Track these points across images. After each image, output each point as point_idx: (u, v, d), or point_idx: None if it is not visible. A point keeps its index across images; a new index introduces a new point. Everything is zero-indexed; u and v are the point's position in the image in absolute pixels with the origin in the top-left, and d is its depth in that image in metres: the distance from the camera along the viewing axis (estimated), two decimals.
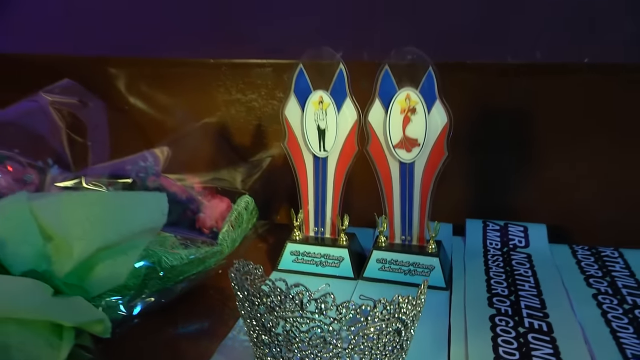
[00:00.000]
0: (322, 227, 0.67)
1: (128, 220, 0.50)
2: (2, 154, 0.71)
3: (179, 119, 0.90)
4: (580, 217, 0.77)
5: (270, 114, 0.87)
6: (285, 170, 0.80)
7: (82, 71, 0.89)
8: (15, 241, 0.48)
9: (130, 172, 0.73)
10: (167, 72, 0.91)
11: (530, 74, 0.75)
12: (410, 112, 0.58)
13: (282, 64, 0.84)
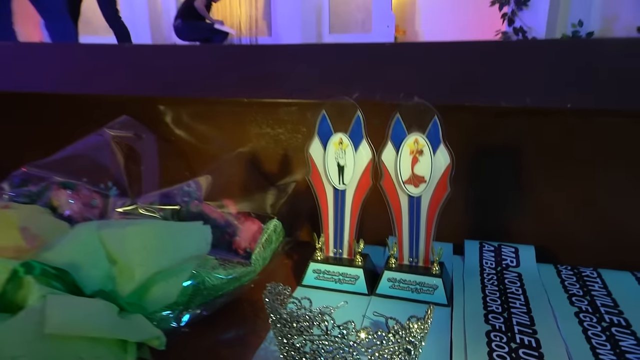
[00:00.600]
0: (340, 248, 0.68)
1: (178, 248, 0.52)
2: (74, 183, 0.73)
3: (217, 148, 0.91)
4: (564, 239, 0.77)
5: (294, 146, 0.88)
6: (307, 194, 0.81)
7: (137, 108, 0.91)
8: (88, 265, 0.50)
9: (176, 196, 0.75)
10: (207, 109, 0.93)
11: (521, 115, 0.76)
12: (418, 153, 0.60)
13: (304, 104, 0.85)
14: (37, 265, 0.47)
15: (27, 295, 0.46)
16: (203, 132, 0.94)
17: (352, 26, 5.11)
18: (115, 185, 0.81)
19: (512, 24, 3.72)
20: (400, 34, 4.91)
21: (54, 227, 0.60)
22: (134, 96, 0.92)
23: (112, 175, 0.80)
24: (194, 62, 0.92)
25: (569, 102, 0.72)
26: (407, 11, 5.23)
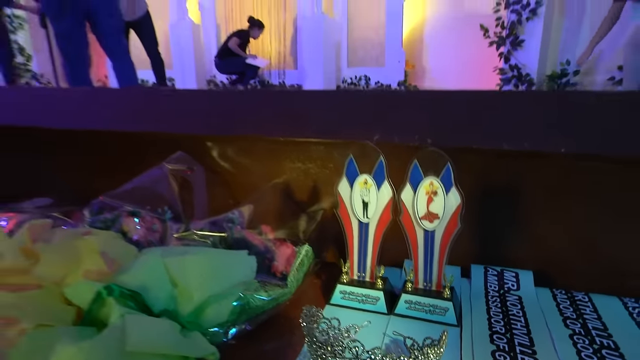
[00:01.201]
0: (363, 272, 0.69)
1: (229, 275, 0.55)
2: (139, 211, 0.76)
3: (256, 180, 0.93)
4: (559, 266, 0.77)
5: (322, 178, 0.90)
6: (333, 221, 0.83)
7: (189, 145, 0.94)
8: (155, 287, 0.53)
9: (222, 223, 0.78)
10: (248, 145, 0.95)
11: (520, 157, 0.77)
12: (433, 194, 0.61)
13: (331, 143, 0.87)
14: (116, 288, 0.50)
15: (109, 313, 0.49)
16: (244, 165, 0.96)
17: (367, 61, 5.14)
18: (171, 211, 0.84)
19: (508, 62, 3.72)
20: (410, 68, 4.93)
21: (125, 251, 0.63)
22: (186, 134, 0.96)
23: (169, 203, 0.83)
24: (237, 104, 0.95)
25: (563, 147, 0.73)
26: (415, 48, 5.26)
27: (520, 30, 3.62)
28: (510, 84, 3.73)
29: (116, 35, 2.57)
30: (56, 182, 1.18)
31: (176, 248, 0.65)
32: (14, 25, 5.07)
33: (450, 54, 5.16)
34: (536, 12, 3.54)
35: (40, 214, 0.84)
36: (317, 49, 4.93)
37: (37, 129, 1.10)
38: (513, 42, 3.65)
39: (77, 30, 2.50)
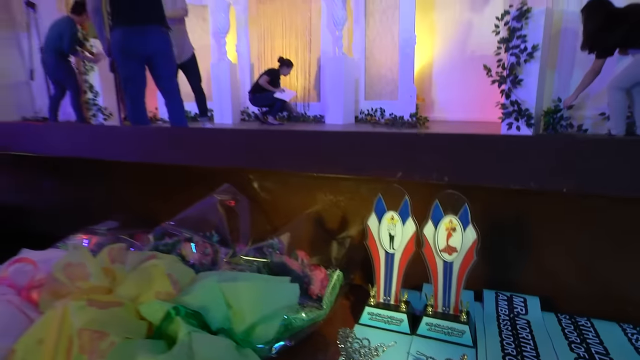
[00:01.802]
0: (388, 297, 0.70)
1: (276, 300, 0.56)
2: (193, 237, 0.79)
3: (291, 209, 0.95)
4: (562, 292, 0.77)
5: (351, 210, 0.91)
6: (360, 247, 0.84)
7: (234, 178, 0.97)
8: (212, 308, 0.55)
9: (264, 249, 0.80)
10: (285, 179, 0.97)
11: (527, 194, 0.77)
12: (452, 230, 0.63)
13: (358, 179, 0.89)
14: (182, 308, 0.53)
15: (176, 329, 0.51)
16: (281, 196, 0.99)
17: (382, 95, 5.18)
18: (219, 235, 0.86)
19: (509, 98, 3.70)
20: (420, 101, 4.95)
21: (185, 273, 0.66)
22: (232, 167, 0.99)
23: (219, 229, 0.85)
24: (275, 143, 0.98)
25: (565, 187, 0.74)
26: (425, 84, 5.29)
27: (519, 70, 3.62)
28: (511, 117, 3.71)
29: (170, 78, 2.67)
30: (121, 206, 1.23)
31: (229, 273, 0.67)
32: (87, 68, 5.32)
33: (455, 89, 5.17)
34: (533, 55, 3.54)
35: (113, 235, 0.88)
36: (338, 84, 5.00)
37: (106, 161, 1.16)
38: (513, 81, 3.64)
39: (139, 73, 2.61)
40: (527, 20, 3.52)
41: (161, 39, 2.54)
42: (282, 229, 0.87)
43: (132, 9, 2.42)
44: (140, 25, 2.45)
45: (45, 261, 0.71)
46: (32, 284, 0.66)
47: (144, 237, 0.90)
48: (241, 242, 0.87)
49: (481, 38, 4.94)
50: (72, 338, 0.49)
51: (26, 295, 0.64)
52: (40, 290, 0.64)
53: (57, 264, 0.59)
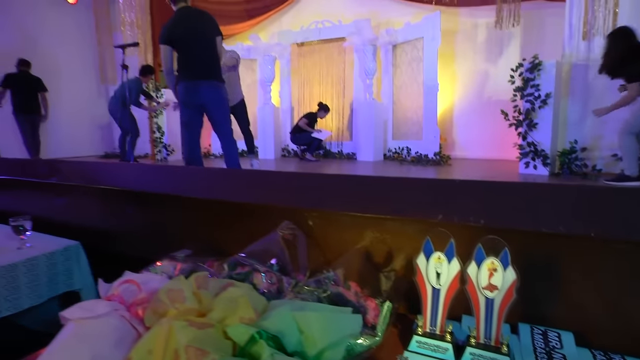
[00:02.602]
0: (434, 327, 0.70)
1: (343, 329, 0.59)
2: (260, 267, 0.83)
3: (342, 245, 0.96)
4: (594, 328, 0.75)
5: (396, 247, 0.92)
6: (403, 281, 0.86)
7: (294, 216, 1.01)
8: (287, 333, 0.58)
9: (322, 281, 0.82)
10: (337, 218, 1.00)
11: (558, 237, 0.77)
12: (493, 270, 0.64)
13: (403, 219, 0.91)
14: (264, 332, 0.56)
15: (259, 351, 0.55)
16: (333, 233, 1.01)
17: (409, 135, 5.20)
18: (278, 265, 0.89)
19: (525, 139, 3.64)
20: (443, 141, 4.93)
21: (259, 300, 0.69)
22: (291, 207, 1.03)
23: (281, 261, 0.89)
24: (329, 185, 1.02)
25: (592, 232, 0.73)
26: (447, 125, 5.27)
27: (534, 115, 3.57)
28: (528, 157, 3.63)
29: (223, 123, 2.79)
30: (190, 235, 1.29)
31: (298, 303, 0.70)
32: (157, 113, 5.68)
33: (474, 130, 5.13)
34: (546, 102, 3.50)
35: (192, 263, 0.93)
36: (368, 126, 5.07)
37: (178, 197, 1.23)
38: (529, 124, 3.59)
39: (195, 120, 2.76)
40: (539, 71, 3.50)
41: (213, 91, 2.69)
42: (335, 263, 0.90)
43: (190, 69, 2.65)
44: (195, 81, 2.64)
45: (144, 283, 0.77)
46: (137, 302, 0.72)
47: (215, 265, 0.95)
48: (300, 273, 0.90)
49: (497, 85, 4.94)
50: (178, 352, 0.53)
51: (134, 311, 0.69)
52: (144, 307, 0.69)
53: (163, 288, 0.64)
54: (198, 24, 2.65)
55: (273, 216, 1.07)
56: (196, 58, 2.63)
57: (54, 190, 1.83)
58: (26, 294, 1.30)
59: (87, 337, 0.62)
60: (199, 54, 2.63)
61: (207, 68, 2.66)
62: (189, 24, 2.62)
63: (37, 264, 1.34)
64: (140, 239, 1.53)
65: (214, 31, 2.69)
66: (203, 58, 2.64)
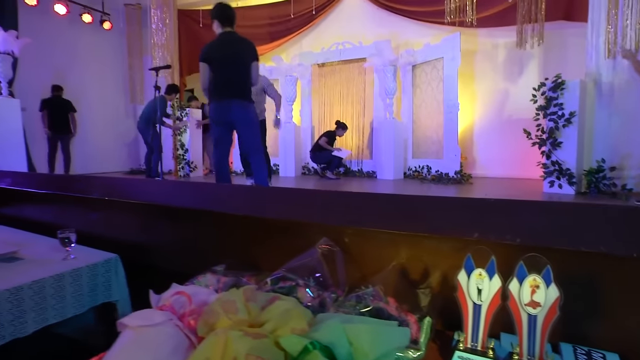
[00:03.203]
0: (476, 342, 0.71)
1: (392, 341, 0.61)
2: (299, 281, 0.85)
3: (379, 262, 0.98)
4: (635, 347, 0.74)
5: (432, 264, 0.93)
6: (439, 297, 0.87)
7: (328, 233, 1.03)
8: (337, 345, 0.60)
9: (363, 294, 0.84)
10: (373, 235, 1.02)
11: (598, 257, 0.77)
12: (536, 287, 0.65)
13: (439, 237, 0.93)
14: (317, 343, 0.59)
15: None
16: (370, 250, 1.03)
17: (429, 154, 5.20)
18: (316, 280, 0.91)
19: (550, 158, 3.59)
20: (463, 160, 4.90)
21: (304, 313, 0.72)
22: (330, 225, 1.06)
23: (321, 276, 0.91)
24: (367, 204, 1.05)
25: (635, 252, 0.73)
26: (467, 144, 5.25)
27: (557, 134, 3.53)
28: (552, 176, 3.57)
29: (253, 140, 2.88)
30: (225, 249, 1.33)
31: (345, 316, 0.72)
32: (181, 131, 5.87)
33: (495, 149, 5.10)
34: (570, 121, 3.46)
35: (234, 276, 0.96)
36: (389, 144, 5.10)
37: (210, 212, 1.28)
38: (552, 143, 3.55)
39: (225, 136, 2.85)
40: (562, 90, 3.48)
41: (242, 110, 2.78)
42: (373, 279, 0.91)
43: (222, 88, 2.76)
44: (226, 100, 2.75)
45: (193, 295, 0.80)
46: (188, 313, 0.75)
47: (255, 280, 0.98)
48: (339, 289, 0.92)
49: (517, 104, 4.92)
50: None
51: (186, 321, 0.73)
52: (194, 318, 0.73)
53: (218, 299, 0.67)
54: (236, 48, 2.78)
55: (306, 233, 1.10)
56: (229, 79, 2.75)
57: (91, 204, 1.92)
58: (71, 303, 1.36)
59: (148, 344, 0.66)
60: (231, 76, 2.74)
61: (237, 88, 2.77)
62: (227, 47, 2.76)
63: (81, 274, 1.40)
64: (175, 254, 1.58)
65: (251, 56, 2.80)
66: (235, 79, 2.75)
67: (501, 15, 4.63)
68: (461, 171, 4.63)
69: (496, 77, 5.15)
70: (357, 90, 5.94)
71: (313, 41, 6.41)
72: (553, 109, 3.52)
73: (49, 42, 6.00)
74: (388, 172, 5.12)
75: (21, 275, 1.28)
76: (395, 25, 5.70)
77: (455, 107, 4.73)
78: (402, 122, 5.42)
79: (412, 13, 5.50)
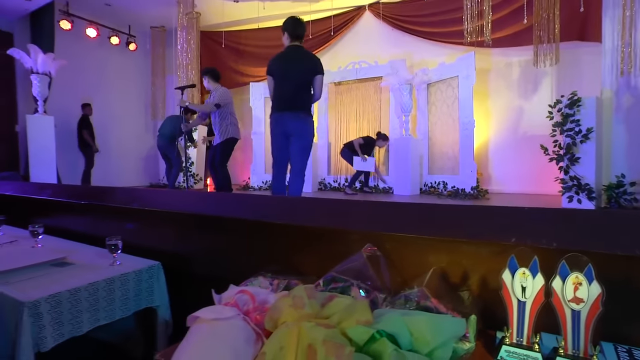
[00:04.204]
0: (521, 337, 0.76)
1: (450, 330, 0.66)
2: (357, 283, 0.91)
3: (419, 266, 1.03)
4: None
5: (471, 268, 0.98)
6: (478, 300, 0.92)
7: (374, 239, 1.09)
8: (400, 334, 0.66)
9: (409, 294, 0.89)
10: (411, 241, 1.08)
11: (633, 260, 0.82)
12: (579, 284, 0.70)
13: (477, 243, 0.98)
14: (383, 332, 0.65)
15: (379, 349, 0.63)
16: (409, 256, 1.09)
17: (445, 170, 5.24)
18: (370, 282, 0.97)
19: (568, 174, 3.60)
20: (479, 175, 4.93)
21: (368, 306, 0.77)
22: (371, 232, 1.12)
23: (368, 279, 0.97)
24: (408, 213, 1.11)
25: None
26: (482, 160, 5.29)
27: (575, 150, 3.55)
28: (571, 191, 3.58)
29: (301, 155, 2.82)
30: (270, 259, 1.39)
31: (402, 310, 0.78)
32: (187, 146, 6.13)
33: (511, 165, 5.12)
34: (588, 137, 3.49)
35: (283, 278, 1.03)
36: (405, 161, 5.16)
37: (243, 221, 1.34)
38: (570, 159, 3.57)
39: (282, 152, 2.84)
40: (578, 107, 3.53)
41: (298, 122, 2.76)
42: (415, 282, 0.97)
43: (280, 100, 2.81)
44: (283, 112, 2.78)
45: (255, 294, 0.87)
46: (252, 309, 0.82)
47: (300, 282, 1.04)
48: (385, 290, 0.98)
49: (531, 121, 4.97)
50: (314, 347, 0.62)
51: (253, 316, 0.79)
52: (259, 314, 0.80)
53: (288, 295, 0.74)
54: (299, 61, 2.81)
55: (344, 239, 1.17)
56: (287, 91, 2.77)
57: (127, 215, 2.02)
58: (119, 306, 1.44)
59: (223, 335, 0.73)
60: (290, 88, 2.78)
61: (294, 101, 2.78)
62: (290, 61, 2.82)
63: (128, 279, 1.48)
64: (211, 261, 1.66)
65: (313, 70, 2.80)
66: (293, 92, 2.78)
67: (515, 36, 4.73)
68: (477, 187, 4.66)
69: (510, 94, 5.21)
70: (373, 107, 6.06)
71: (330, 60, 6.58)
72: (570, 125, 3.56)
73: (80, 62, 6.30)
74: (405, 188, 5.17)
75: (77, 279, 1.37)
76: (409, 45, 5.84)
77: (470, 124, 4.79)
78: (418, 138, 5.49)
79: (427, 34, 5.64)
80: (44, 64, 4.14)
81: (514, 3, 4.65)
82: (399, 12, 5.88)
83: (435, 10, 5.47)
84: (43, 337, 1.19)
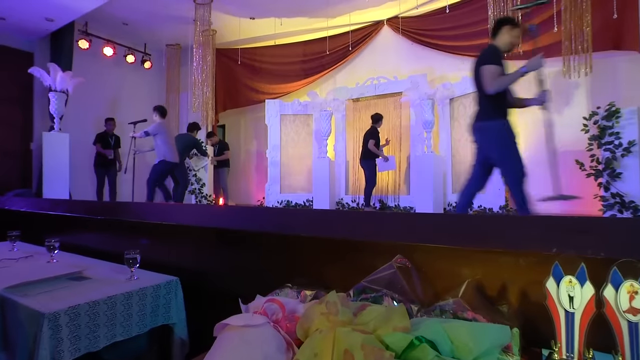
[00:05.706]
0: (571, 353, 0.74)
1: (494, 339, 0.66)
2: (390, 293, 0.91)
3: (453, 279, 1.03)
4: None
5: (508, 279, 0.97)
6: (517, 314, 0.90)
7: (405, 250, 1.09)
8: (439, 342, 0.66)
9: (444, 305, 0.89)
10: (445, 252, 1.07)
11: None
12: (634, 293, 0.68)
13: (517, 254, 0.97)
14: (422, 338, 0.64)
15: (419, 356, 0.63)
16: (441, 267, 1.08)
17: None
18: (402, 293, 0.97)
19: (608, 190, 3.52)
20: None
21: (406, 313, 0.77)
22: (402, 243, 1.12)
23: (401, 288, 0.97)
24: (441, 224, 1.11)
25: None
26: None
27: (616, 164, 3.48)
28: (614, 209, 3.49)
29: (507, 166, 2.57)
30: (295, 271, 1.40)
31: (441, 318, 0.77)
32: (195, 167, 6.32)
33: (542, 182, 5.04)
34: (630, 150, 3.41)
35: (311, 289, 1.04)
36: (427, 179, 5.14)
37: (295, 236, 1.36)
38: (610, 174, 3.49)
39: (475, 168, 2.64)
40: (617, 119, 3.48)
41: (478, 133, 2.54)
42: (450, 293, 0.96)
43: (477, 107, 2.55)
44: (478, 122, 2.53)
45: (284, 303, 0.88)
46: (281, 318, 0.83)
47: None
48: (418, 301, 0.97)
49: (563, 135, 4.86)
50: (351, 351, 0.63)
51: (284, 325, 0.80)
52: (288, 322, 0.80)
53: (320, 302, 0.75)
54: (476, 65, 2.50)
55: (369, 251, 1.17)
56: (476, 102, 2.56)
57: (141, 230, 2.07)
58: (136, 321, 1.46)
59: (254, 342, 0.74)
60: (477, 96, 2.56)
61: (477, 109, 2.58)
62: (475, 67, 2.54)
63: (146, 294, 1.51)
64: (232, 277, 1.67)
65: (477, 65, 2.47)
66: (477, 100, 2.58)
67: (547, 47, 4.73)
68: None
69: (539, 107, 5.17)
70: (392, 124, 6.09)
71: (347, 76, 6.70)
72: (608, 139, 3.51)
73: (96, 81, 6.59)
74: (427, 207, 5.13)
75: (95, 292, 1.40)
76: (430, 59, 5.91)
77: None
78: (441, 155, 5.47)
79: (449, 47, 5.70)
80: (62, 81, 4.37)
81: (542, 12, 4.67)
82: (419, 26, 5.98)
83: (457, 24, 5.55)
84: (61, 351, 1.21)
